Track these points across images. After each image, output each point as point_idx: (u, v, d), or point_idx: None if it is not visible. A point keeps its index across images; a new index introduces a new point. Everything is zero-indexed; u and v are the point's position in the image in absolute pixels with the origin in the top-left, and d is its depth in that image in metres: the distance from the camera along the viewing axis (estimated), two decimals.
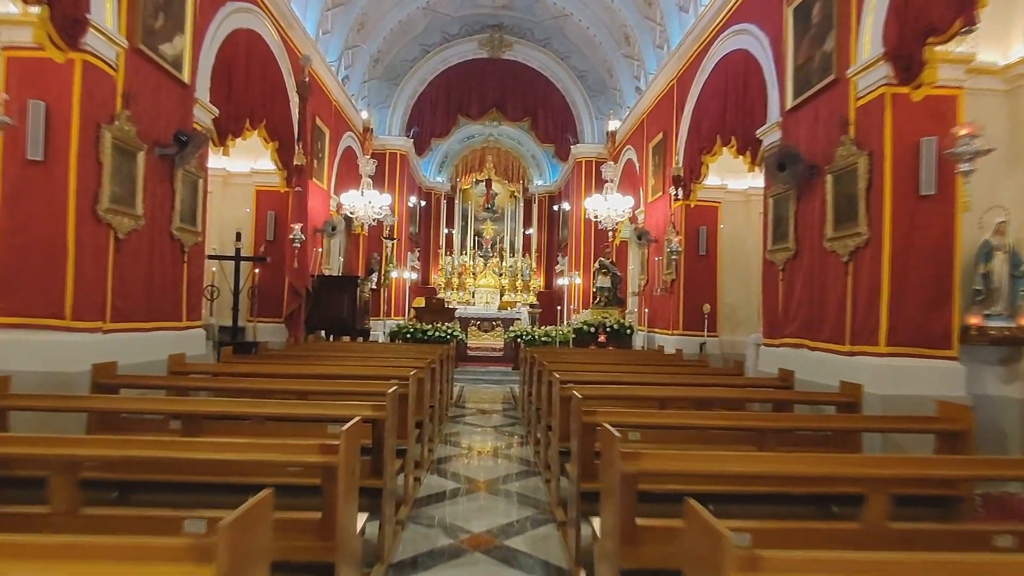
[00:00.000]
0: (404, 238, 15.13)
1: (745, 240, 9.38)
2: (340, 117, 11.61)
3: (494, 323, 14.18)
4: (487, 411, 8.10)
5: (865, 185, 4.69)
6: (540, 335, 11.18)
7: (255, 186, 9.08)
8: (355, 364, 5.89)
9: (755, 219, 9.28)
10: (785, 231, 5.91)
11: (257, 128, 7.61)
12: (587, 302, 14.36)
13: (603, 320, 10.34)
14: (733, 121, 7.35)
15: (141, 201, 5.06)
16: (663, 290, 9.57)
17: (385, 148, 14.49)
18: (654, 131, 10.69)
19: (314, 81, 9.85)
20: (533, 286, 18.18)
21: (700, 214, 9.14)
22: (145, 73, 5.13)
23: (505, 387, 10.56)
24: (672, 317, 9.39)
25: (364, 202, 10.09)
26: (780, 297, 6.04)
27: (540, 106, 14.76)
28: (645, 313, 9.99)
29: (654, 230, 10.46)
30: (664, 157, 10.07)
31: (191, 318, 6.16)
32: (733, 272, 9.34)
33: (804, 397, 4.49)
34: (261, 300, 8.88)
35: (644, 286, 11.02)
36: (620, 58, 12.68)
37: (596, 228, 14.66)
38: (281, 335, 8.70)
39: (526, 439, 6.37)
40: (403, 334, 11.29)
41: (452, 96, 14.61)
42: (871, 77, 4.68)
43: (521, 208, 19.41)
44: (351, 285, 9.65)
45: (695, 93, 8.72)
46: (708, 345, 8.88)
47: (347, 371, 5.15)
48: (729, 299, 9.29)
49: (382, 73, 14.28)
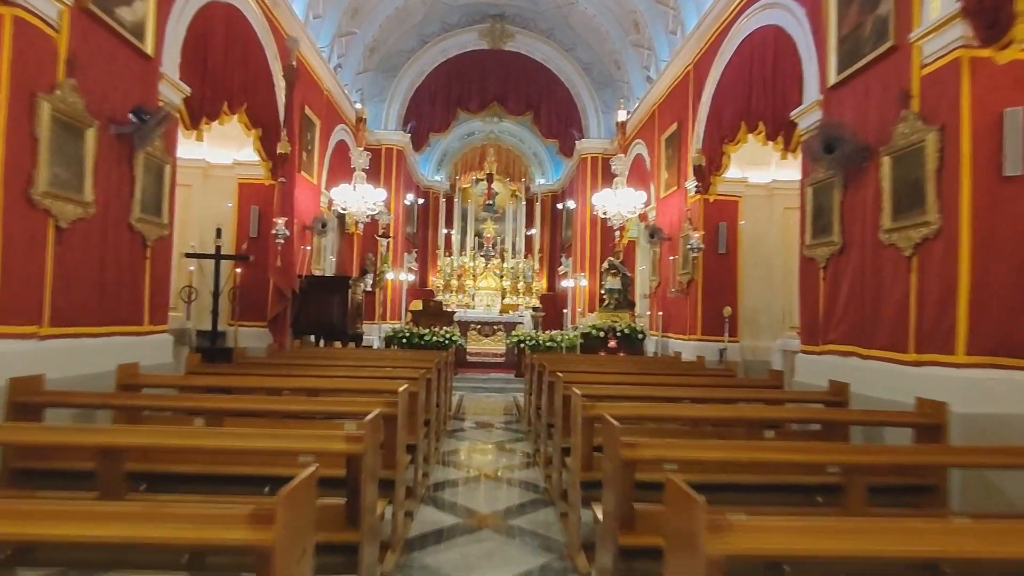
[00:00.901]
0: (401, 238, 14.44)
1: (767, 237, 8.70)
2: (332, 108, 10.93)
3: (495, 327, 13.48)
4: (489, 424, 7.39)
5: (935, 166, 4.00)
6: (545, 340, 10.49)
7: (238, 179, 8.39)
8: (341, 374, 5.19)
9: (779, 215, 8.60)
10: (828, 223, 5.21)
11: (237, 112, 6.92)
12: (593, 305, 13.67)
13: (613, 324, 9.64)
14: (761, 104, 6.66)
15: (91, 186, 4.36)
16: (679, 291, 8.87)
17: (381, 143, 13.81)
18: (667, 122, 10.02)
19: (303, 66, 9.17)
20: (536, 288, 17.48)
21: (719, 209, 8.45)
22: (97, 39, 4.44)
23: (508, 396, 9.85)
24: (689, 321, 8.69)
25: (357, 197, 9.40)
26: (822, 298, 5.34)
27: (543, 100, 14.09)
28: (659, 316, 9.29)
29: (667, 228, 9.77)
30: (679, 149, 9.39)
31: (155, 322, 5.46)
32: (755, 272, 8.65)
33: (869, 417, 3.78)
34: (243, 302, 8.17)
35: (656, 288, 10.32)
36: (629, 47, 12.02)
37: (603, 227, 14.00)
38: (265, 340, 7.99)
39: (533, 458, 5.67)
40: (399, 339, 10.58)
41: (451, 89, 13.94)
42: (942, 39, 3.99)
43: (523, 208, 18.72)
44: (342, 286, 8.95)
45: (715, 78, 8.04)
46: (729, 351, 8.18)
47: (329, 383, 4.45)
48: (751, 301, 8.59)
49: (378, 64, 13.61)
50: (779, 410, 3.93)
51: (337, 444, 2.28)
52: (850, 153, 4.68)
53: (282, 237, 7.30)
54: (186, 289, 7.87)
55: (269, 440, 2.42)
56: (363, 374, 5.27)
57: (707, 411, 3.69)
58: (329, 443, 2.28)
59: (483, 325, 13.50)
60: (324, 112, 10.39)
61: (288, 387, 4.29)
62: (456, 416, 7.88)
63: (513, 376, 10.93)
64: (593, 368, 6.33)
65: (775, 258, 8.64)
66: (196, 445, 2.62)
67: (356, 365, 6.01)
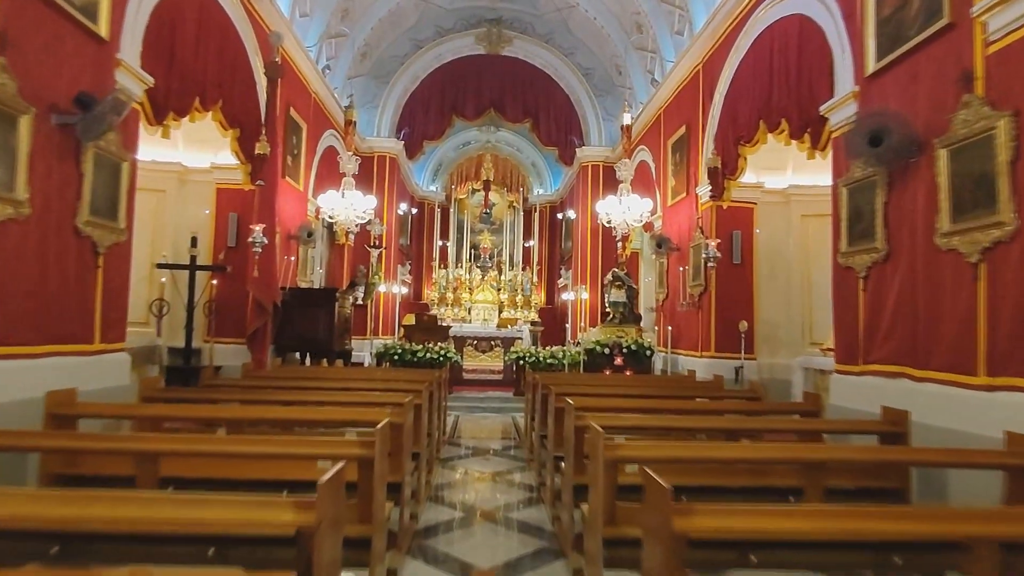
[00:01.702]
0: (394, 249, 13.84)
1: (785, 246, 8.13)
2: (320, 112, 10.37)
3: (493, 342, 12.84)
4: (487, 449, 6.74)
5: (1008, 157, 3.43)
6: (546, 357, 9.86)
7: (216, 183, 7.79)
8: (319, 399, 4.56)
9: (797, 222, 8.04)
10: (869, 228, 4.64)
11: (212, 109, 6.34)
12: (595, 319, 13.06)
13: (618, 340, 9.02)
14: (783, 101, 6.12)
15: (24, 182, 3.74)
16: (690, 305, 8.28)
17: (373, 151, 13.26)
18: (674, 126, 9.49)
19: (288, 66, 8.62)
20: (535, 302, 16.86)
21: (733, 216, 7.89)
22: (35, 15, 3.86)
23: (506, 416, 9.20)
24: (701, 336, 8.08)
25: (345, 205, 8.81)
26: (862, 311, 4.75)
27: (542, 106, 13.59)
28: (669, 331, 8.68)
29: (675, 237, 9.20)
30: (687, 154, 8.85)
31: (110, 339, 4.82)
32: (772, 284, 8.08)
33: (958, 459, 3.08)
34: (220, 317, 7.53)
35: (664, 301, 9.73)
36: (631, 51, 11.53)
37: (604, 238, 13.44)
38: (244, 358, 7.34)
39: (537, 492, 5.02)
40: (390, 356, 9.94)
41: (446, 95, 13.42)
42: (1013, 11, 3.44)
43: (521, 219, 18.16)
44: (328, 300, 8.32)
45: (728, 76, 7.52)
46: (745, 369, 7.57)
47: (302, 413, 3.81)
48: (768, 315, 8.00)
49: (370, 69, 13.10)
50: (837, 449, 3.31)
51: (286, 515, 1.66)
52: (899, 145, 4.11)
53: (260, 245, 6.68)
54: (157, 303, 7.24)
55: None
56: (344, 398, 4.64)
57: (754, 452, 3.11)
58: (280, 512, 1.66)
59: (480, 340, 12.86)
60: (311, 116, 9.83)
61: (252, 418, 3.66)
62: (451, 440, 7.23)
63: (512, 395, 10.29)
64: (602, 389, 5.71)
65: (794, 269, 8.07)
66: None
67: (339, 387, 5.38)
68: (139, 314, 7.47)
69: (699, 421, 3.99)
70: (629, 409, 4.92)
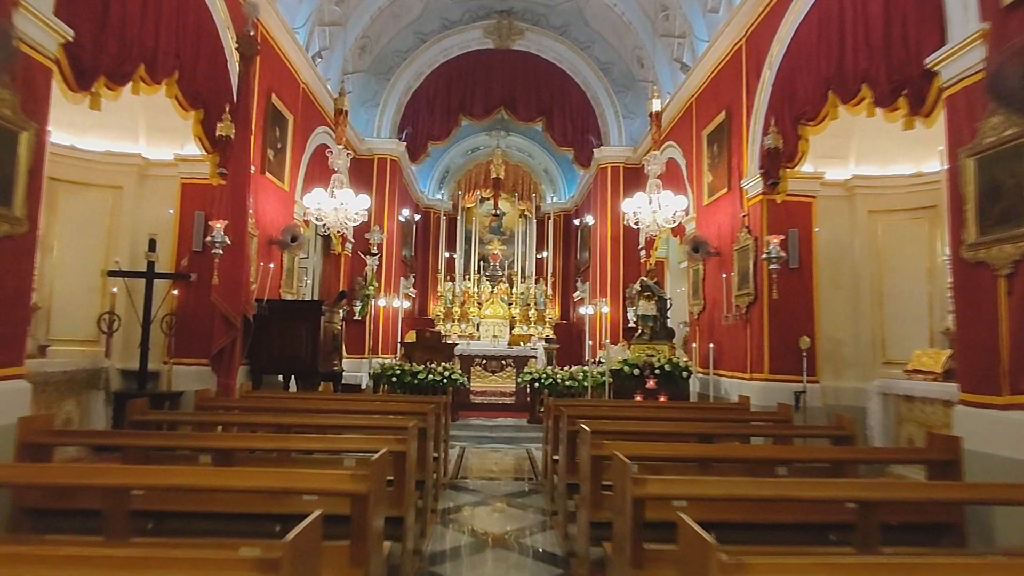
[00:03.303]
0: (396, 260, 12.70)
1: (848, 248, 6.89)
2: (311, 105, 9.32)
3: (504, 361, 11.60)
4: (497, 496, 5.49)
5: None
6: (564, 379, 8.61)
7: (180, 178, 6.69)
8: (277, 445, 3.38)
9: (862, 219, 6.81)
10: (1014, 208, 3.41)
11: (165, 81, 5.26)
12: (616, 335, 11.82)
13: (649, 359, 7.77)
14: (862, 63, 4.93)
15: None
16: (736, 318, 7.02)
17: (373, 153, 12.20)
18: (710, 114, 8.32)
19: (270, 47, 7.57)
20: (549, 317, 15.62)
21: (788, 213, 6.66)
22: None
23: (519, 447, 7.96)
24: (752, 355, 6.82)
25: (335, 205, 7.69)
26: (1005, 321, 3.51)
27: (556, 104, 12.48)
28: (711, 349, 7.41)
29: (714, 240, 7.98)
30: (727, 143, 7.67)
31: (4, 362, 3.66)
32: (836, 293, 6.82)
33: None
34: (182, 333, 6.41)
35: (700, 314, 8.48)
36: (656, 39, 10.42)
37: (626, 246, 12.26)
38: (209, 382, 6.18)
39: (567, 567, 3.76)
40: (387, 378, 8.75)
41: (453, 93, 12.36)
42: None
43: (533, 228, 17.00)
44: (313, 313, 7.16)
45: (780, 47, 6.36)
46: (808, 394, 6.29)
47: (240, 480, 2.61)
48: (832, 330, 6.74)
49: (370, 65, 12.09)
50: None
51: None
52: None
53: (221, 246, 5.54)
54: (105, 317, 6.12)
55: None
56: (311, 443, 3.45)
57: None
58: None
59: (489, 359, 11.63)
60: (300, 108, 8.77)
61: (165, 485, 2.47)
62: (454, 481, 5.99)
63: (527, 422, 9.03)
64: (644, 424, 4.48)
65: (861, 274, 6.81)
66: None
67: (310, 424, 4.19)
68: (87, 331, 6.37)
69: (784, 489, 2.67)
70: (678, 455, 3.71)
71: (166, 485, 2.56)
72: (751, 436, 4.85)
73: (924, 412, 5.52)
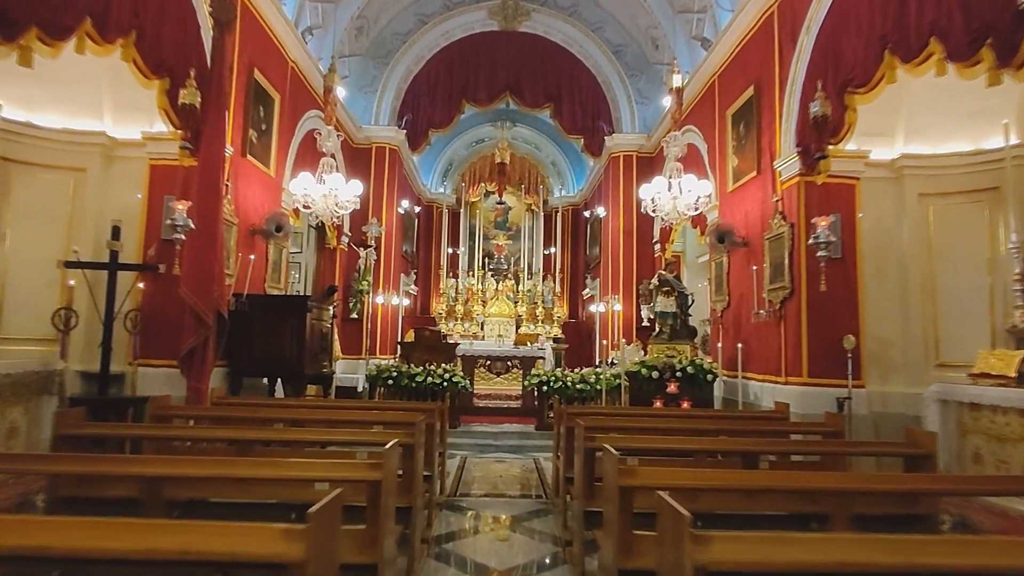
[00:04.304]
0: (396, 255, 12.02)
1: (896, 236, 6.15)
2: (301, 85, 8.66)
3: (509, 363, 10.89)
4: (502, 520, 4.78)
5: None
6: (575, 382, 7.89)
7: (149, 159, 6.03)
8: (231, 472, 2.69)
9: (912, 204, 6.07)
10: None
11: (120, 42, 4.60)
12: (629, 334, 11.09)
13: (669, 360, 7.05)
14: (930, 13, 4.20)
15: None
16: (770, 314, 6.29)
17: (371, 141, 11.52)
18: (735, 91, 7.59)
19: (251, 16, 6.90)
20: (557, 315, 14.90)
21: (828, 196, 5.93)
22: None
23: (526, 457, 7.24)
24: (787, 356, 6.08)
25: (324, 191, 7.00)
26: None
27: (565, 89, 11.75)
28: (739, 350, 6.67)
29: (742, 229, 7.24)
30: (757, 121, 6.93)
31: None
32: (881, 286, 6.09)
33: None
34: (149, 331, 5.75)
35: (724, 311, 7.74)
36: (673, 15, 9.70)
37: (639, 240, 11.54)
38: (180, 386, 5.51)
39: None
40: (384, 380, 8.07)
41: (455, 77, 11.67)
42: None
43: (541, 223, 16.28)
44: (298, 310, 6.49)
45: (822, 7, 5.62)
46: (854, 400, 5.55)
47: (168, 540, 1.92)
48: (877, 328, 6.00)
49: (368, 49, 11.42)
50: None
51: None
52: None
53: (183, 231, 4.86)
54: (61, 313, 5.46)
55: None
56: (264, 469, 2.76)
57: None
58: None
59: (494, 360, 10.92)
60: (288, 88, 8.11)
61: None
62: (451, 500, 5.29)
63: (534, 428, 8.32)
64: (673, 439, 3.76)
65: (910, 266, 6.07)
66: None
67: (276, 439, 3.50)
68: (44, 329, 5.70)
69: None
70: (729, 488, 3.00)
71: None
72: (794, 454, 4.12)
73: (995, 423, 4.78)
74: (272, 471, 2.74)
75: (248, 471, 2.69)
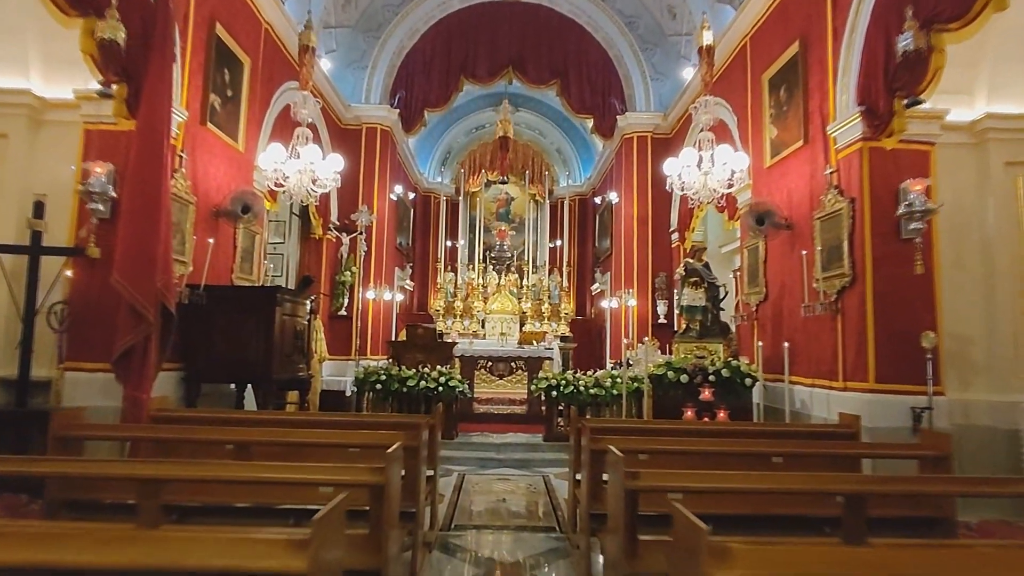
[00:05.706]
0: (389, 247, 11.03)
1: (978, 214, 5.15)
2: (277, 50, 7.68)
3: (513, 364, 9.91)
4: (507, 566, 3.80)
5: None
6: (588, 386, 6.90)
7: (83, 123, 5.04)
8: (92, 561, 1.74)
9: (998, 175, 5.09)
10: None
11: None
12: (644, 331, 10.11)
13: (699, 361, 6.06)
14: None
15: None
16: (824, 307, 5.29)
17: (360, 121, 10.53)
18: (773, 52, 6.59)
19: None
20: (564, 312, 13.92)
21: (896, 165, 4.92)
22: None
23: (534, 474, 6.28)
24: (847, 357, 5.08)
25: (299, 166, 6.02)
26: None
27: (572, 64, 10.75)
28: (785, 349, 5.67)
29: (784, 210, 6.25)
30: (803, 82, 5.93)
31: None
32: (960, 274, 5.09)
33: None
34: (80, 329, 4.76)
35: (760, 304, 6.74)
36: None
37: (654, 230, 10.55)
38: (118, 394, 4.53)
39: None
40: (371, 384, 7.10)
41: (453, 52, 10.66)
42: None
43: (546, 214, 15.29)
44: (265, 303, 5.50)
45: None
46: (935, 411, 4.55)
47: None
48: (956, 325, 5.00)
49: (357, 21, 10.44)
50: None
51: None
52: None
53: (102, 202, 3.88)
54: None
55: None
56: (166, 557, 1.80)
57: None
58: None
59: (496, 361, 9.94)
60: (262, 53, 7.14)
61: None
62: (445, 536, 4.31)
63: (542, 439, 7.34)
64: (731, 479, 2.77)
65: (996, 250, 5.07)
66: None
67: (198, 478, 2.54)
68: None
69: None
70: None
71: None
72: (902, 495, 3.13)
73: None
74: None
75: None
